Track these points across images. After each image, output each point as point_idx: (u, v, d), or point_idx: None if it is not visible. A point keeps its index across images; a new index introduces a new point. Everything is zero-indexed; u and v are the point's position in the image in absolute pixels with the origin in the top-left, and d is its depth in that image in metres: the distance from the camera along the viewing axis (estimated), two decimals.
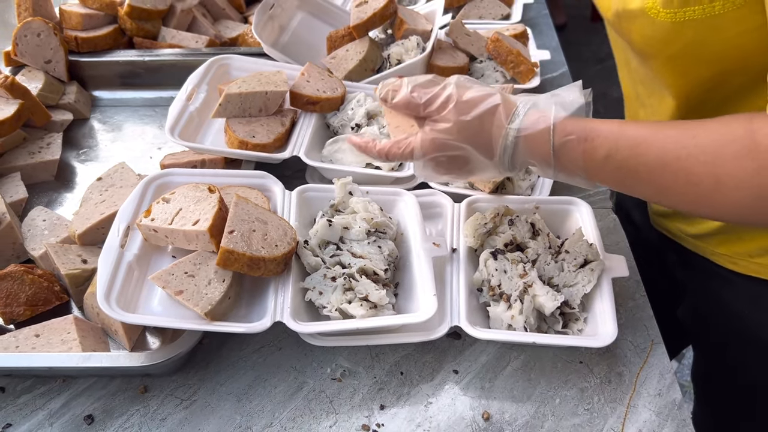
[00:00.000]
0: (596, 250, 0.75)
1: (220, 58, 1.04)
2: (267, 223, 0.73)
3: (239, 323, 0.68)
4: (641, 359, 0.72)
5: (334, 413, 0.68)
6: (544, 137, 0.60)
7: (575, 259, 0.75)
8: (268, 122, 0.93)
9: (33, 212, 0.86)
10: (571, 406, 0.68)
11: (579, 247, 0.75)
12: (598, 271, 0.73)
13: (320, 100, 0.96)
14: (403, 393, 0.69)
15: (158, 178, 0.81)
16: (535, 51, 1.18)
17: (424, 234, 0.78)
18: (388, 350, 0.74)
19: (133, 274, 0.72)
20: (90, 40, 1.17)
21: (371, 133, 0.94)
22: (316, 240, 0.77)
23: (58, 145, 1.02)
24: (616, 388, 0.69)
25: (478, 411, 0.68)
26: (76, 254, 0.79)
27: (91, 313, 0.75)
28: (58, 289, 0.77)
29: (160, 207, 0.74)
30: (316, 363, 0.72)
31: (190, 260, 0.70)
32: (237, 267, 0.69)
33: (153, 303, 0.71)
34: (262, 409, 0.68)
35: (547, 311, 0.71)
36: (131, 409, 0.68)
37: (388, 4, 1.10)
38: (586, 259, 0.74)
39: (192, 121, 0.95)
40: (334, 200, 0.83)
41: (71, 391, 0.70)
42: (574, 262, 0.74)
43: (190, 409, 0.68)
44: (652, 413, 0.67)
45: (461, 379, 0.71)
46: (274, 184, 0.84)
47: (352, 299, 0.71)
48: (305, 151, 0.91)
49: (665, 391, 0.69)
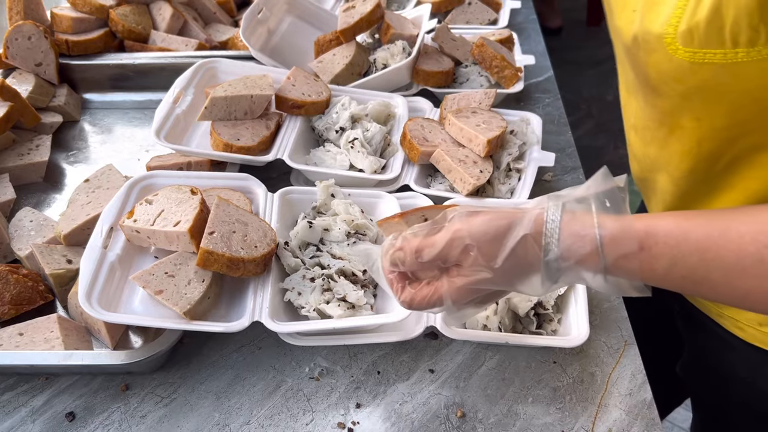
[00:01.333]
0: None
1: (207, 61, 1.05)
2: (247, 225, 0.74)
3: (218, 323, 0.70)
4: (614, 360, 0.73)
5: (311, 411, 0.69)
6: (593, 260, 0.51)
7: None
8: (253, 125, 0.95)
9: (20, 213, 0.88)
10: (543, 405, 0.69)
11: None
12: None
13: (305, 103, 0.97)
14: (379, 392, 0.71)
15: (142, 180, 0.83)
16: (521, 56, 1.19)
17: None
18: (366, 350, 0.75)
19: (116, 274, 0.73)
20: (81, 43, 1.18)
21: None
22: (297, 241, 0.78)
23: (47, 147, 1.03)
24: (588, 387, 0.71)
25: (453, 409, 0.69)
26: (61, 254, 0.81)
27: (75, 313, 0.77)
28: (42, 288, 0.79)
29: (143, 208, 0.76)
30: (295, 362, 0.74)
31: (171, 261, 0.72)
32: (216, 267, 0.70)
33: (134, 302, 0.72)
34: (240, 407, 0.69)
35: (521, 312, 0.73)
36: (112, 406, 0.69)
37: (375, 8, 1.11)
38: None
39: (178, 123, 0.96)
40: (316, 202, 0.84)
41: (53, 389, 0.71)
42: None
43: (170, 406, 0.69)
44: (623, 412, 0.68)
45: (437, 378, 0.72)
46: (257, 186, 0.85)
47: (331, 300, 0.72)
48: (289, 154, 0.92)
49: (636, 391, 0.70)
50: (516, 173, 0.93)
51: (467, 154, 0.91)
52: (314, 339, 0.73)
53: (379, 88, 1.07)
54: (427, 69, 1.09)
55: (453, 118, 0.94)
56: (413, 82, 1.12)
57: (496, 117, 0.95)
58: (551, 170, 1.00)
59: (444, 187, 0.92)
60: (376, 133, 0.96)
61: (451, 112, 0.95)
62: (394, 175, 0.92)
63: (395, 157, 0.96)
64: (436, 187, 0.92)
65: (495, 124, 0.93)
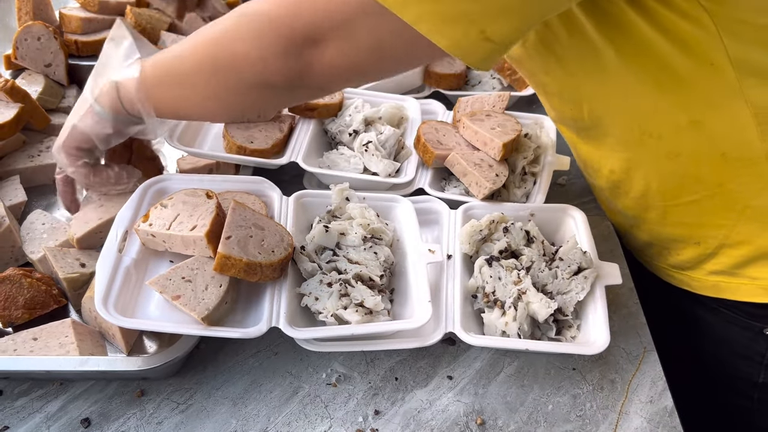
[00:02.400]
0: (590, 258, 0.76)
1: None
2: (264, 229, 0.73)
3: (235, 328, 0.69)
4: (634, 366, 0.73)
5: (329, 418, 0.68)
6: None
7: (569, 266, 0.75)
8: (266, 128, 0.94)
9: (32, 216, 0.87)
10: (563, 412, 0.69)
11: (573, 255, 0.76)
12: (591, 278, 0.74)
13: (318, 106, 0.97)
14: (397, 398, 0.70)
15: (156, 183, 0.82)
16: None
17: (420, 240, 0.79)
18: (383, 356, 0.74)
19: (131, 279, 0.72)
20: (90, 43, 1.17)
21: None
22: (313, 246, 0.78)
23: None
24: (609, 394, 0.70)
25: (472, 417, 0.68)
26: (75, 258, 0.80)
27: (89, 317, 0.76)
28: (56, 292, 0.78)
29: (157, 212, 0.75)
30: (312, 368, 0.73)
31: (188, 265, 0.71)
32: (234, 272, 0.69)
33: (150, 307, 0.72)
34: (257, 414, 0.69)
35: (540, 318, 0.72)
36: (128, 412, 0.69)
37: None
38: (579, 266, 0.75)
39: (191, 126, 0.95)
40: (331, 206, 0.83)
41: (68, 395, 0.70)
42: (567, 270, 0.75)
43: (186, 413, 0.69)
44: (644, 420, 0.68)
45: (455, 384, 0.71)
46: (272, 190, 0.84)
47: (348, 305, 0.72)
48: (303, 157, 0.92)
49: (657, 398, 0.70)
50: (531, 177, 0.93)
51: (482, 157, 0.90)
52: (331, 345, 0.72)
53: (391, 91, 1.07)
54: (440, 71, 1.09)
55: (468, 121, 0.93)
56: (425, 84, 1.12)
57: (510, 120, 0.94)
58: (566, 174, 0.99)
59: (459, 191, 0.91)
60: (390, 136, 0.95)
61: (465, 115, 0.95)
62: (409, 179, 0.91)
63: (409, 161, 0.95)
64: (451, 191, 0.92)
65: (510, 127, 0.92)
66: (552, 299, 0.73)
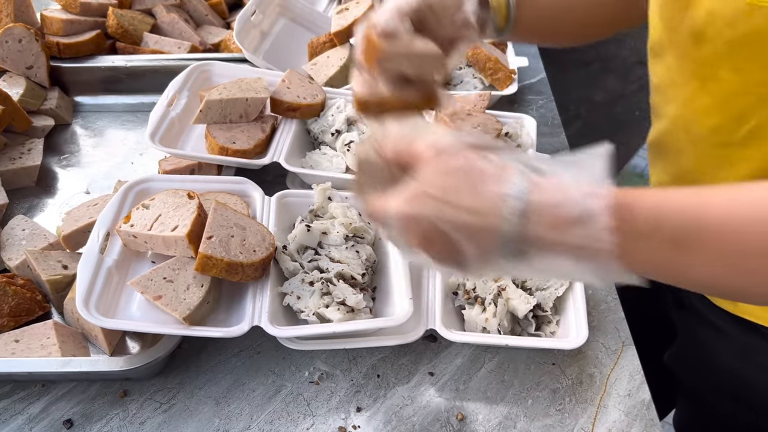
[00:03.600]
0: None
1: (201, 64, 1.04)
2: (245, 229, 0.74)
3: (218, 328, 0.69)
4: (612, 361, 0.74)
5: (312, 416, 0.69)
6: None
7: None
8: (248, 128, 0.94)
9: (13, 221, 0.86)
10: (543, 406, 0.69)
11: None
12: None
13: (300, 106, 0.97)
14: (379, 395, 0.71)
15: (138, 184, 0.82)
16: (514, 58, 1.20)
17: None
18: (366, 353, 0.75)
19: (113, 280, 0.72)
20: (72, 45, 1.17)
21: None
22: (295, 245, 0.78)
23: (39, 151, 1.02)
24: (588, 389, 0.71)
25: (453, 412, 0.69)
26: (57, 260, 0.80)
27: (71, 318, 0.76)
28: (40, 298, 0.78)
29: (139, 213, 0.75)
30: (294, 366, 0.73)
31: (169, 265, 0.71)
32: (215, 272, 0.70)
33: (132, 308, 0.72)
34: (240, 413, 0.69)
35: (520, 314, 0.73)
36: (110, 413, 0.69)
37: (369, 11, 1.11)
38: None
39: (173, 126, 0.96)
40: (314, 206, 0.84)
41: (51, 396, 0.70)
42: None
43: (169, 412, 0.69)
44: (622, 413, 0.69)
45: (437, 380, 0.72)
46: (254, 190, 0.85)
47: (330, 303, 0.72)
48: (285, 157, 0.92)
49: (635, 392, 0.71)
50: None
51: None
52: (313, 343, 0.73)
53: None
54: None
55: (448, 120, 0.94)
56: None
57: (491, 119, 0.95)
58: None
59: None
60: None
61: (447, 114, 0.96)
62: None
63: None
64: None
65: (490, 126, 0.93)
66: (531, 295, 0.74)
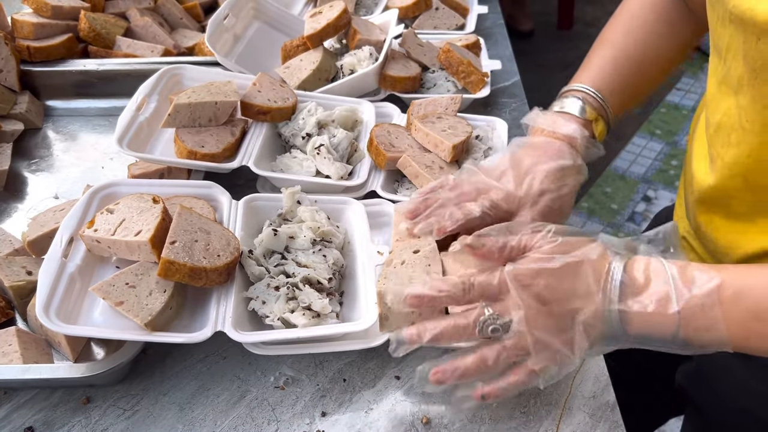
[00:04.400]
0: None
1: (172, 68, 1.04)
2: (210, 234, 0.73)
3: (180, 333, 0.69)
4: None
5: (276, 421, 0.68)
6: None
7: None
8: (218, 132, 0.94)
9: None
10: (508, 409, 0.69)
11: None
12: None
13: (271, 110, 0.97)
14: (345, 400, 0.71)
15: (104, 189, 0.81)
16: (487, 61, 1.20)
17: (370, 242, 0.79)
18: (332, 358, 0.75)
19: (75, 286, 0.72)
20: (43, 49, 1.16)
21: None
22: (261, 249, 0.78)
23: (8, 156, 1.01)
24: (553, 391, 0.71)
25: (418, 416, 0.69)
26: (21, 266, 0.79)
27: (35, 325, 0.75)
28: (3, 305, 0.77)
29: (103, 217, 0.74)
30: (260, 372, 0.73)
31: (132, 271, 0.71)
32: (178, 277, 0.69)
33: (95, 314, 0.71)
34: (204, 418, 0.68)
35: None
36: (72, 420, 0.68)
37: (342, 14, 1.11)
38: None
39: (142, 131, 0.95)
40: (282, 209, 0.84)
41: (12, 404, 0.69)
42: None
43: (132, 419, 0.68)
44: (586, 415, 0.69)
45: (403, 384, 0.72)
46: (222, 194, 0.84)
47: (295, 308, 0.72)
48: (255, 161, 0.92)
49: (600, 394, 0.71)
50: None
51: (433, 159, 0.91)
52: (279, 348, 0.72)
53: (346, 94, 1.07)
54: (394, 74, 1.10)
55: (419, 123, 0.94)
56: (380, 87, 1.12)
57: (461, 122, 0.95)
58: None
59: (411, 193, 0.92)
60: (343, 139, 0.96)
61: (417, 117, 0.96)
62: (361, 181, 0.92)
63: (362, 163, 0.96)
64: (403, 193, 0.93)
65: (460, 129, 0.94)
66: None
